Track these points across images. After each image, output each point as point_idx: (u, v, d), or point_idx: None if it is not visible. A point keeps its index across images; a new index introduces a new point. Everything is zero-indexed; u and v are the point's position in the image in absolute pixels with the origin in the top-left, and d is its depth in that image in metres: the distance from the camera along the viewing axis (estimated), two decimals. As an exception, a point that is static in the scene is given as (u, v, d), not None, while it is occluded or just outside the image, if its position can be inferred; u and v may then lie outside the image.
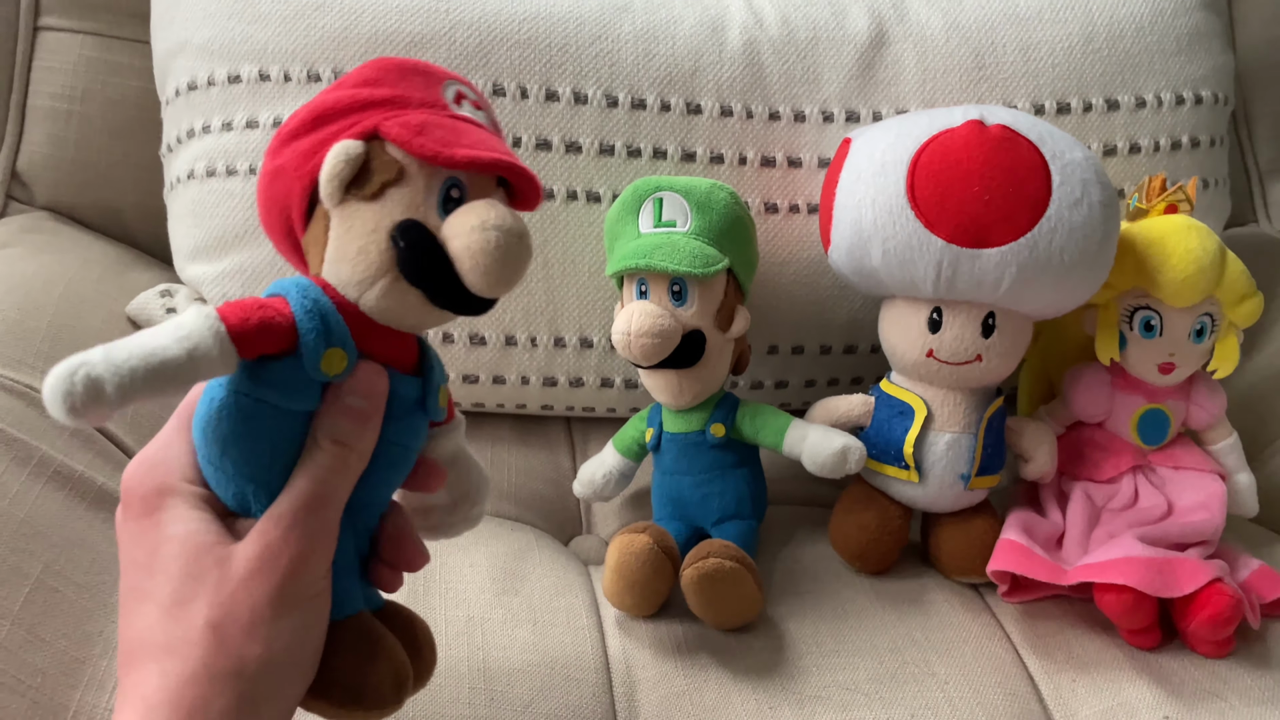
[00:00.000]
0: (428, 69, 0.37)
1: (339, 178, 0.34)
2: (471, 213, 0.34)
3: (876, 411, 0.61)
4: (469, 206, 0.34)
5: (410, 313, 0.35)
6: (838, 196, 0.59)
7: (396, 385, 0.37)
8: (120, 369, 0.30)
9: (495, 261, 0.34)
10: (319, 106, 0.36)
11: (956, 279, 0.55)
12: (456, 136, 0.35)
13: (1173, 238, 0.59)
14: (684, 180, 0.60)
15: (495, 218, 0.34)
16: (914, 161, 0.55)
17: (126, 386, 0.30)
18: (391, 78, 0.36)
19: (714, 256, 0.57)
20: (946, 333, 0.57)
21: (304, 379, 0.34)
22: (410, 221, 0.34)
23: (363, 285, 0.35)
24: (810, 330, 0.69)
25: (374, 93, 0.35)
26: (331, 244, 0.35)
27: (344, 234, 0.35)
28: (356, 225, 0.35)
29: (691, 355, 0.58)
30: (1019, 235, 0.54)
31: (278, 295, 0.35)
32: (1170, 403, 0.62)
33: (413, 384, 0.38)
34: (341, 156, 0.34)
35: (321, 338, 0.34)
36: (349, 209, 0.35)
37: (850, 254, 0.59)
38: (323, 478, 0.35)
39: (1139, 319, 0.60)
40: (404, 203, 0.34)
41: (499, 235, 0.33)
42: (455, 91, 0.37)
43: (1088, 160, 0.56)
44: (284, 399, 0.34)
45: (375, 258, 0.34)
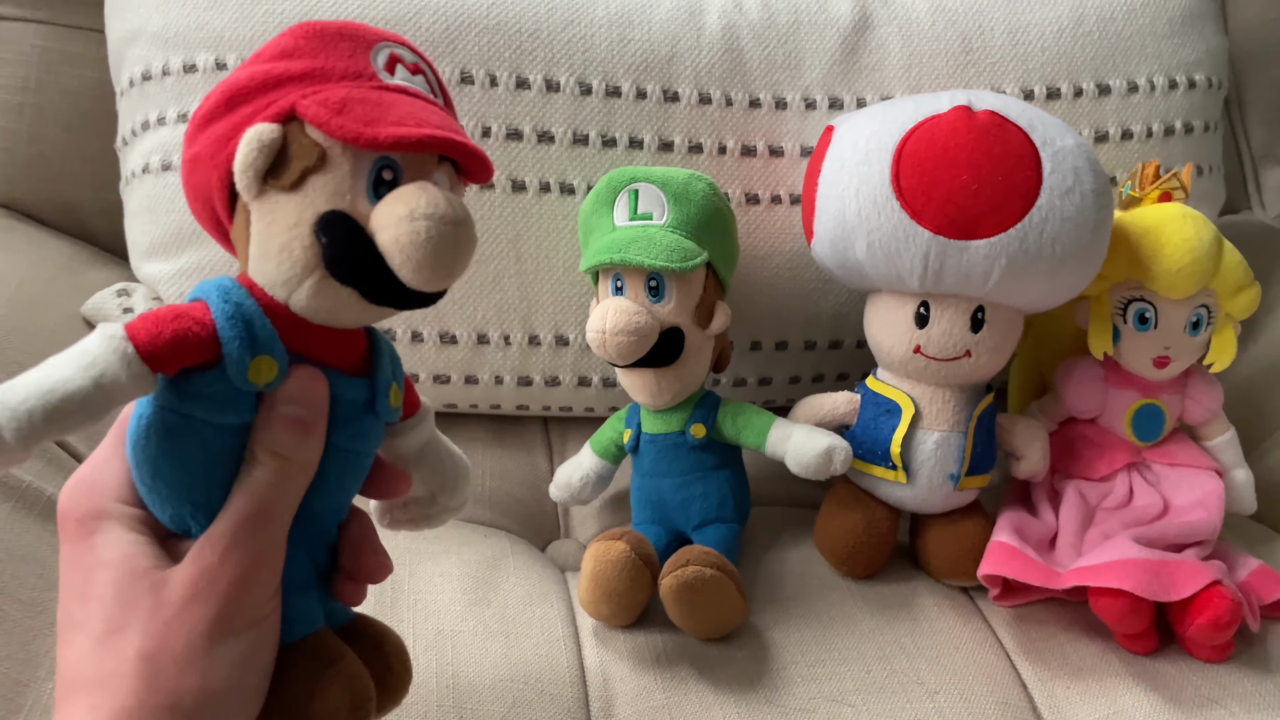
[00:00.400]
0: (355, 32, 0.34)
1: (253, 168, 0.31)
2: (400, 200, 0.31)
3: (863, 410, 0.59)
4: (398, 193, 0.31)
5: (345, 311, 0.32)
6: (820, 187, 0.57)
7: (339, 388, 0.34)
8: (17, 412, 0.27)
9: (429, 255, 0.30)
10: (232, 85, 0.32)
11: (944, 272, 0.53)
12: (383, 112, 0.31)
13: (1167, 227, 0.57)
14: (661, 171, 0.57)
15: (426, 204, 0.30)
16: (899, 150, 0.53)
17: (26, 431, 0.27)
18: (312, 46, 0.33)
19: (692, 250, 0.55)
20: (934, 328, 0.55)
21: (232, 390, 0.32)
22: (334, 213, 0.31)
23: (290, 285, 0.32)
24: (794, 325, 0.67)
25: (291, 66, 0.32)
26: (253, 240, 0.32)
27: (264, 229, 0.32)
28: (277, 219, 0.31)
29: (670, 353, 0.56)
30: (1009, 226, 0.51)
31: (199, 300, 0.32)
32: (1165, 397, 0.60)
33: (358, 385, 0.35)
34: (255, 143, 0.31)
35: (246, 345, 0.31)
36: (268, 201, 0.31)
37: (834, 246, 0.57)
38: (262, 494, 0.32)
39: (1133, 311, 0.58)
40: (327, 191, 0.31)
41: (429, 225, 0.30)
42: (388, 55, 0.33)
43: (1079, 147, 0.53)
44: (212, 413, 0.32)
45: (299, 255, 0.31)
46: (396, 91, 0.33)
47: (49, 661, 0.46)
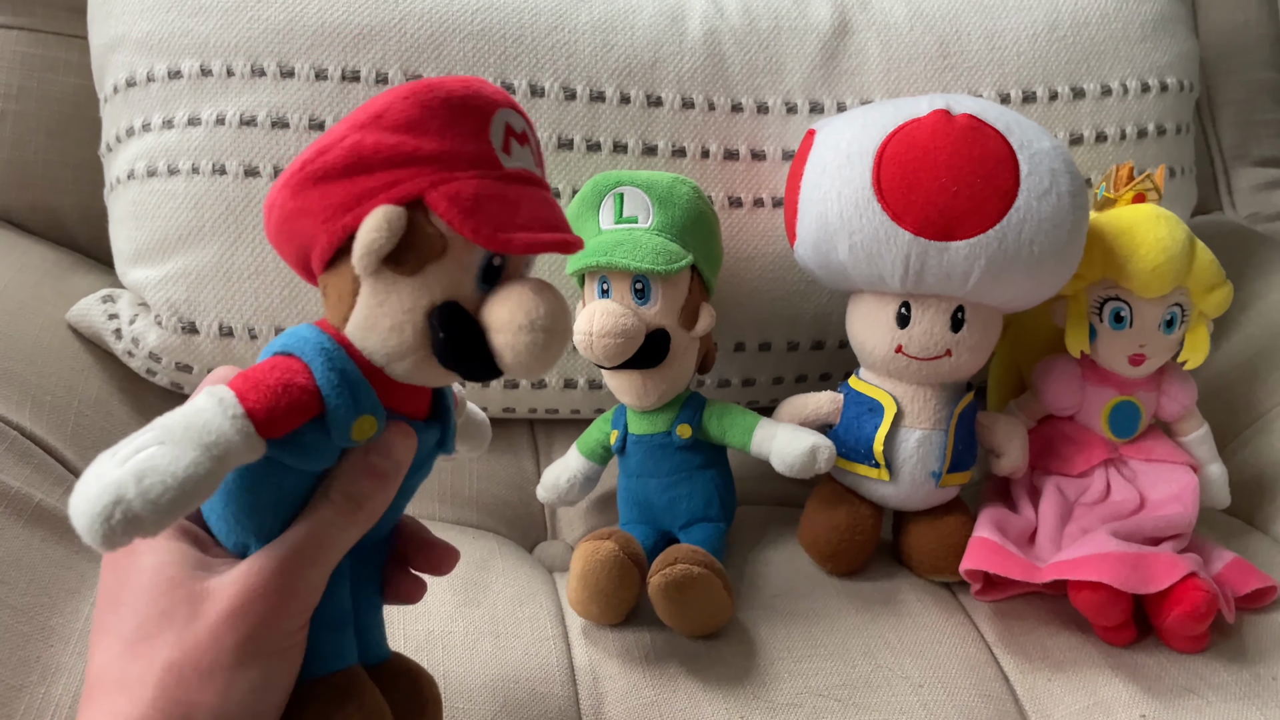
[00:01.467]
0: (477, 100, 0.32)
1: (378, 252, 0.31)
2: (519, 307, 0.31)
3: (846, 409, 0.60)
4: (516, 296, 0.32)
5: (437, 380, 0.34)
6: (803, 190, 0.57)
7: (419, 435, 0.35)
8: (159, 505, 0.27)
9: (538, 360, 0.32)
10: (356, 150, 0.31)
11: (925, 272, 0.54)
12: (510, 213, 0.32)
13: (1141, 227, 0.58)
14: (645, 175, 0.58)
15: (545, 316, 0.31)
16: (880, 153, 0.54)
17: (164, 518, 0.28)
18: (438, 121, 0.32)
19: (677, 253, 0.56)
20: (915, 327, 0.56)
21: (328, 444, 0.32)
22: (451, 306, 0.31)
23: (392, 358, 0.32)
24: (777, 326, 0.68)
25: (420, 145, 0.31)
26: (360, 311, 0.32)
27: (376, 306, 0.32)
28: (391, 300, 0.32)
29: (656, 355, 0.56)
30: (987, 227, 0.52)
31: (294, 356, 0.32)
32: (1141, 394, 0.61)
33: (433, 430, 0.36)
34: (383, 228, 0.30)
35: (351, 410, 0.32)
36: (383, 280, 0.31)
37: (816, 248, 0.57)
38: (324, 531, 0.33)
39: (1109, 310, 0.59)
40: (444, 281, 0.32)
41: (547, 337, 0.31)
42: (504, 128, 0.33)
43: (1055, 150, 0.54)
44: (303, 461, 0.33)
45: (410, 337, 0.32)
46: (518, 181, 0.33)
47: (40, 666, 0.46)
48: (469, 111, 0.32)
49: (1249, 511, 0.67)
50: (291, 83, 0.60)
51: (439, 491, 0.64)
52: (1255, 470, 0.68)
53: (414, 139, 0.31)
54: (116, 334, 0.64)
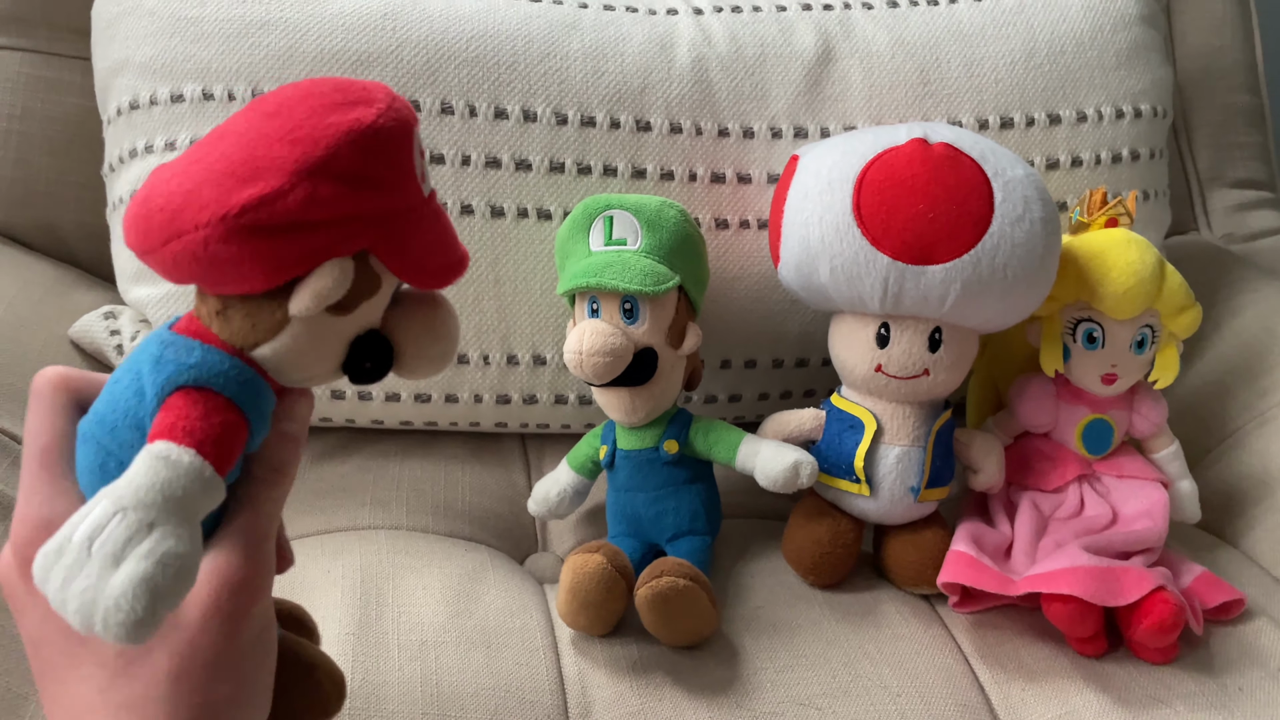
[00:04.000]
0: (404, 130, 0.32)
1: (328, 302, 0.31)
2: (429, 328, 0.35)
3: (828, 426, 0.62)
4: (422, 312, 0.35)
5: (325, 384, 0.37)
6: (786, 214, 0.59)
7: None
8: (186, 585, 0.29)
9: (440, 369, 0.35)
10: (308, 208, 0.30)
11: (903, 295, 0.56)
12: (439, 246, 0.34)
13: (1113, 252, 0.60)
14: (634, 198, 0.60)
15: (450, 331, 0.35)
16: (860, 179, 0.56)
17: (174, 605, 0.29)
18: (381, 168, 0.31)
19: (665, 274, 0.58)
20: (894, 348, 0.58)
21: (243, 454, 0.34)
22: (373, 335, 0.34)
23: (302, 379, 0.34)
24: (762, 344, 0.70)
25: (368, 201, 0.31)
26: (284, 342, 0.32)
27: (305, 341, 0.32)
28: (321, 336, 0.32)
29: (644, 373, 0.58)
30: (963, 252, 0.55)
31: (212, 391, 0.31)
32: (1113, 413, 0.63)
33: None
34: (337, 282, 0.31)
35: (265, 422, 0.33)
36: (317, 319, 0.32)
37: (799, 270, 0.59)
38: (265, 507, 0.34)
39: (1082, 331, 0.61)
40: (371, 313, 0.33)
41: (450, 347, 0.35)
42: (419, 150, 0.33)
43: (1029, 177, 0.57)
44: None
45: (331, 365, 0.33)
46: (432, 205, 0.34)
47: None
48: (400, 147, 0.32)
49: (1219, 526, 0.69)
50: (291, 107, 0.62)
51: (432, 504, 0.66)
52: (1226, 485, 0.70)
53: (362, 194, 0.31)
54: (118, 350, 0.65)
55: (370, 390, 0.66)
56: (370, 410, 0.67)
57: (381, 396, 0.66)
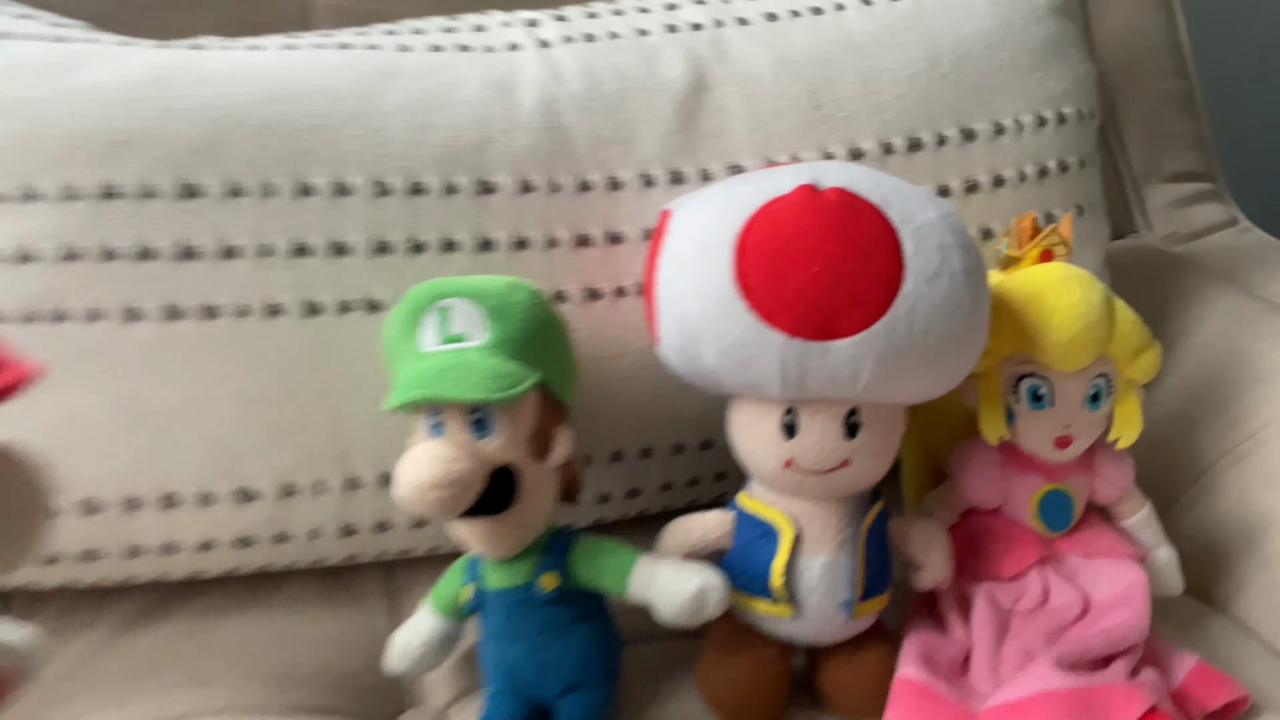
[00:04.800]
0: None
1: None
2: None
3: (738, 532, 0.51)
4: None
5: None
6: (659, 286, 0.49)
7: None
8: None
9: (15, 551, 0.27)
10: None
11: (807, 377, 0.45)
12: None
13: (1052, 293, 0.50)
14: (473, 282, 0.49)
15: None
16: (740, 242, 0.45)
17: None
18: None
19: (517, 373, 0.47)
20: (805, 438, 0.47)
21: None
22: None
23: None
24: (658, 428, 0.59)
25: None
26: None
27: None
28: None
29: (502, 498, 0.47)
30: (872, 321, 0.44)
31: None
32: (1072, 480, 0.53)
33: None
34: None
35: None
36: None
37: (681, 352, 0.49)
38: None
39: (1025, 388, 0.51)
40: None
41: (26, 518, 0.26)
42: None
43: (943, 220, 0.46)
44: None
45: None
46: None
47: None
48: None
49: (1204, 588, 0.59)
50: (38, 206, 0.50)
51: (270, 672, 0.54)
52: (1205, 539, 0.60)
53: None
54: None
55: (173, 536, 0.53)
56: (178, 563, 0.54)
57: (194, 543, 0.54)
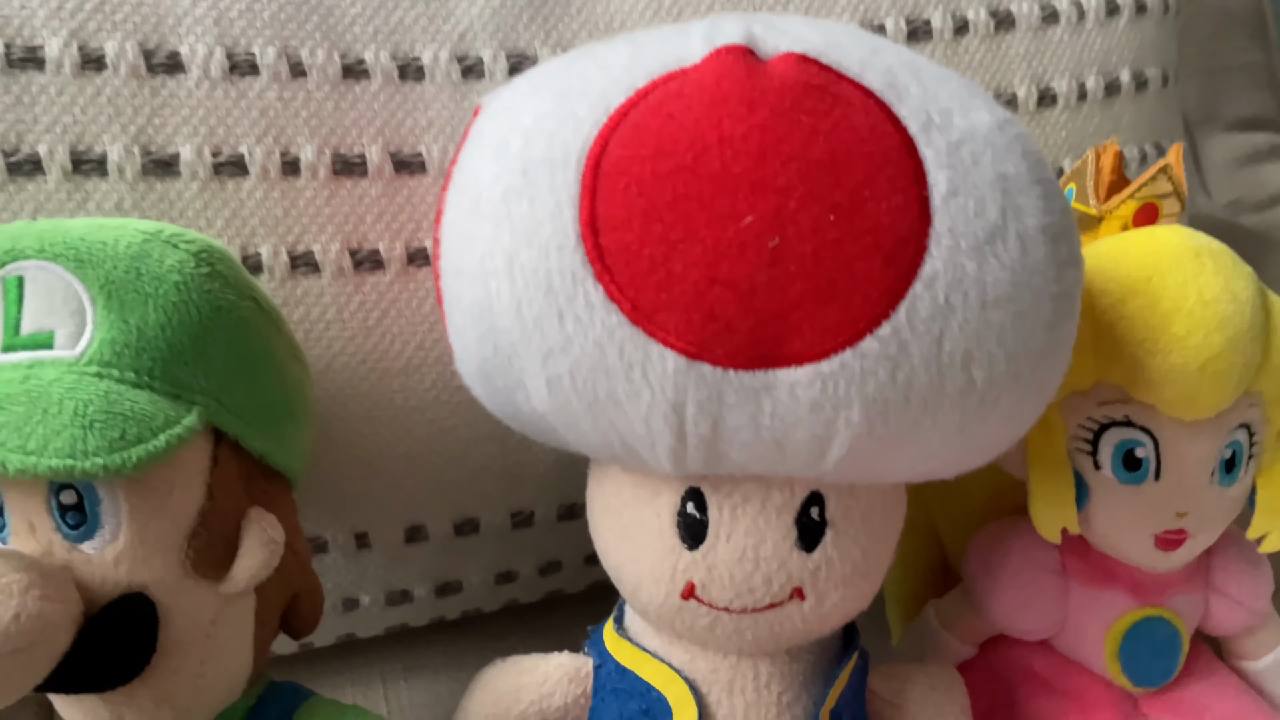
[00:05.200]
0: None
1: None
2: None
3: (599, 702, 0.28)
4: None
5: None
6: (444, 248, 0.25)
7: None
8: None
9: None
10: None
11: (723, 440, 0.23)
12: None
13: (1172, 280, 0.28)
14: (80, 230, 0.25)
15: None
16: (595, 160, 0.22)
17: None
18: None
19: (150, 415, 0.24)
20: (722, 547, 0.25)
21: None
22: None
23: None
24: (484, 489, 0.35)
25: None
26: None
27: None
28: None
29: (121, 658, 0.24)
30: (861, 331, 0.21)
31: None
32: (1178, 599, 0.31)
33: None
34: None
35: None
36: None
37: (488, 381, 0.25)
38: None
39: (1112, 446, 0.29)
40: None
41: None
42: None
43: (1004, 132, 0.23)
44: None
45: None
46: None
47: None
48: None
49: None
50: None
51: None
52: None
53: None
54: None
55: None
56: None
57: None
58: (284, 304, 0.31)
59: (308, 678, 0.29)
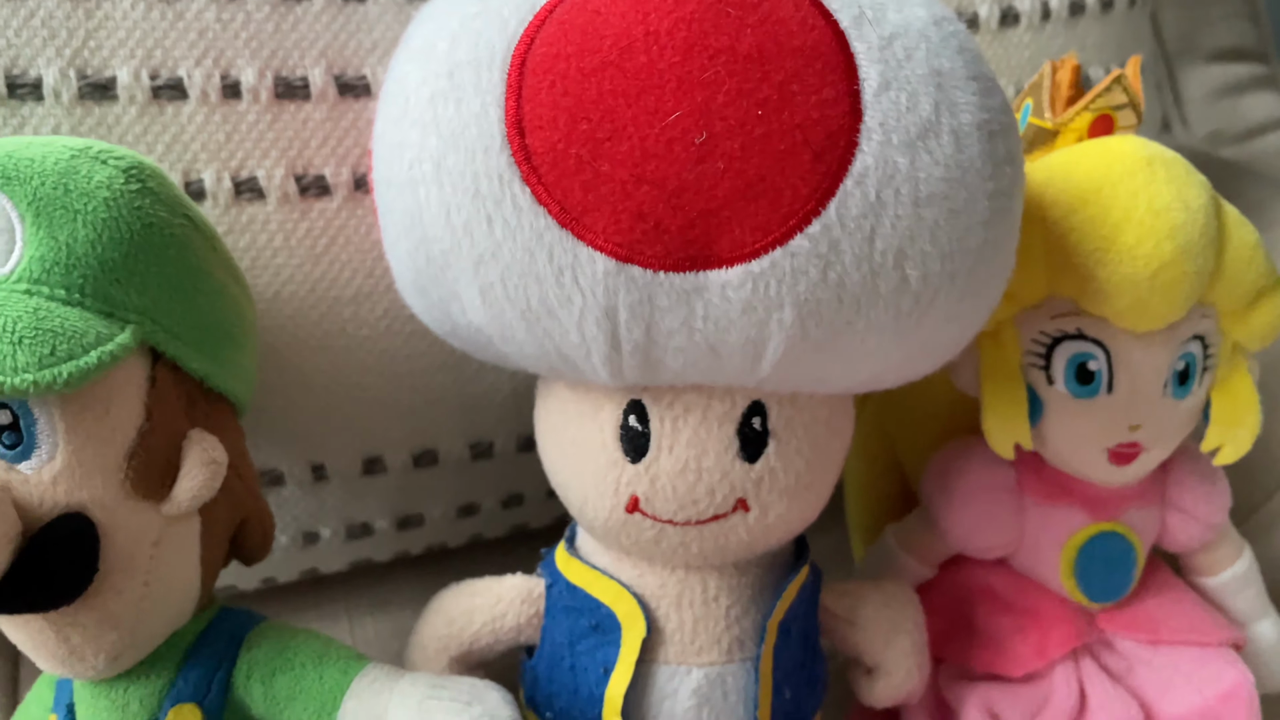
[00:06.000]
0: None
1: None
2: None
3: (551, 620, 0.28)
4: None
5: None
6: (375, 157, 0.25)
7: None
8: None
9: None
10: None
11: (658, 346, 0.22)
12: None
13: (1123, 189, 0.28)
14: (5, 145, 0.25)
15: None
16: (519, 59, 0.21)
17: None
18: None
19: (82, 332, 0.23)
20: (664, 459, 0.25)
21: None
22: None
23: None
24: (444, 418, 0.35)
25: None
26: None
27: None
28: None
29: (61, 577, 0.24)
30: (791, 229, 0.21)
31: None
32: (1133, 514, 0.31)
33: None
34: None
35: None
36: None
37: (423, 294, 0.25)
38: None
39: (1065, 360, 0.29)
40: None
41: None
42: None
43: (940, 28, 0.23)
44: None
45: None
46: None
47: None
48: None
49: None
50: None
51: None
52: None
53: None
54: None
55: None
56: None
57: None
58: (228, 231, 0.31)
59: (272, 614, 0.29)
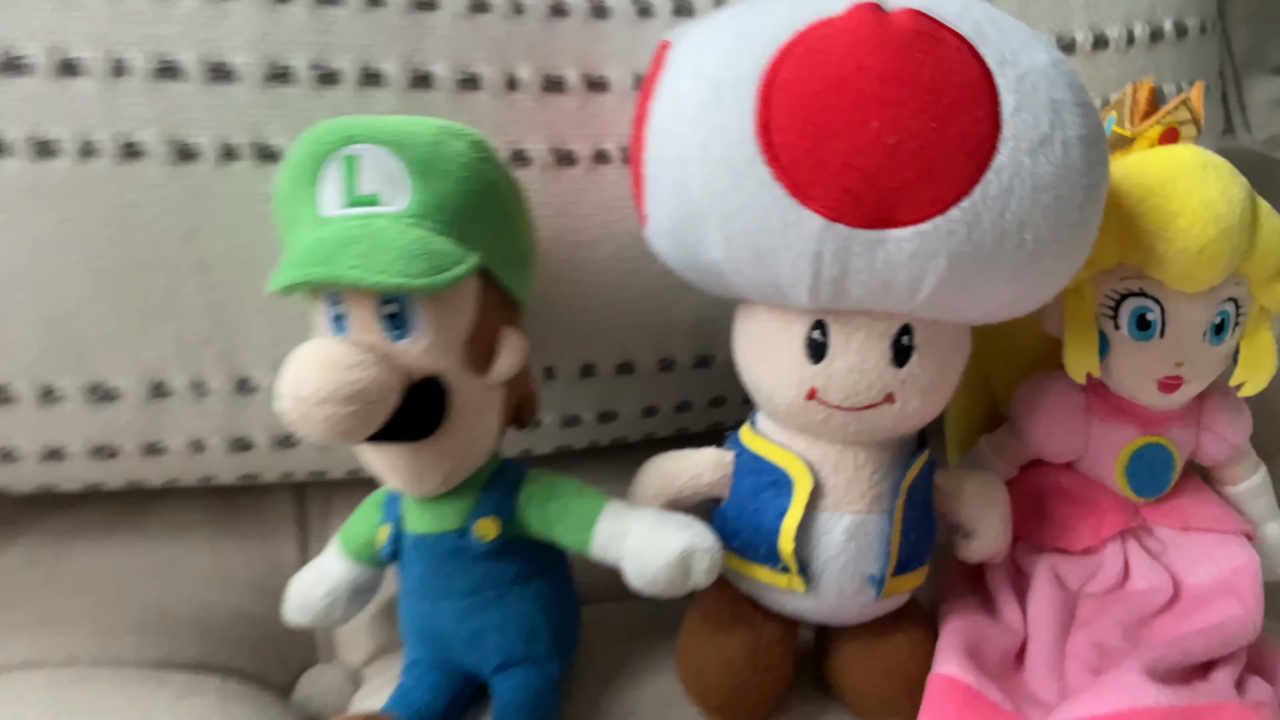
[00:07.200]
0: None
1: None
2: None
3: (738, 479, 0.39)
4: None
5: None
6: (649, 145, 0.35)
7: None
8: None
9: None
10: None
11: (848, 280, 0.33)
12: None
13: (1179, 186, 0.37)
14: (394, 124, 0.36)
15: None
16: (767, 81, 0.32)
17: None
18: None
19: (448, 255, 0.34)
20: (836, 362, 0.35)
21: None
22: None
23: None
24: (642, 338, 0.46)
25: None
26: None
27: None
28: None
29: (424, 421, 0.35)
30: (949, 204, 0.31)
31: None
32: (1174, 432, 0.41)
33: None
34: None
35: None
36: None
37: (676, 238, 0.36)
38: None
39: (1129, 312, 0.39)
40: None
41: None
42: None
43: (1056, 67, 0.33)
44: None
45: None
46: None
47: None
48: None
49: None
50: None
51: (131, 615, 0.42)
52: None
53: None
54: None
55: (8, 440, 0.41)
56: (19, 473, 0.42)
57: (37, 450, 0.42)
58: (504, 188, 0.42)
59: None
